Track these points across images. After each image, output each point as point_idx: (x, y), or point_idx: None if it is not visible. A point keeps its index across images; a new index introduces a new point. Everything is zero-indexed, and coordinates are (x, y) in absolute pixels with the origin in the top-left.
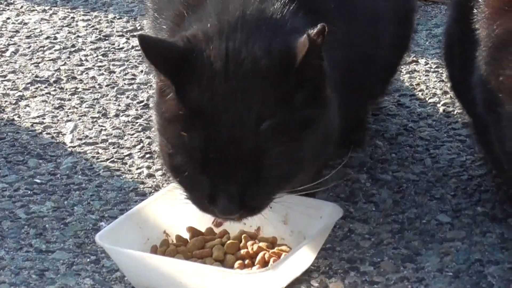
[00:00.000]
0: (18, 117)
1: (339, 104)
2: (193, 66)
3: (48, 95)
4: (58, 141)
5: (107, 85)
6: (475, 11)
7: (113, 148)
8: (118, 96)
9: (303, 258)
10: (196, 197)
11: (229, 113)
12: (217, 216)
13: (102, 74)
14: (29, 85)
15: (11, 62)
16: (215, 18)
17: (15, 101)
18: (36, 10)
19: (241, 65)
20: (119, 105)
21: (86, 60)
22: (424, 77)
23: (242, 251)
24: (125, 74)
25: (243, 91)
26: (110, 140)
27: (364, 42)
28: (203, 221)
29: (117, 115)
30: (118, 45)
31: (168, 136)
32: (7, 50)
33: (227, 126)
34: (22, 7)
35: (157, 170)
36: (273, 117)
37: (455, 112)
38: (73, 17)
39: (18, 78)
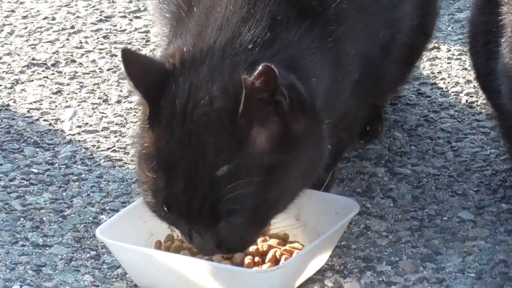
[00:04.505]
0: (14, 102)
1: (356, 94)
2: (164, 97)
3: (45, 79)
4: (56, 128)
5: (108, 69)
6: None
7: (115, 136)
8: (120, 81)
9: (317, 256)
10: (180, 231)
11: (184, 159)
12: None
13: (103, 57)
14: (26, 68)
15: (7, 44)
16: (192, 42)
17: (10, 85)
18: None
19: (198, 106)
20: (121, 90)
21: (86, 43)
22: (446, 65)
23: (252, 248)
24: None
25: (197, 135)
26: (111, 128)
27: (380, 30)
28: None
29: (119, 102)
30: (120, 27)
31: (140, 172)
32: (2, 30)
33: (183, 172)
34: None
35: None
36: (229, 163)
37: (479, 103)
38: None
39: (13, 61)
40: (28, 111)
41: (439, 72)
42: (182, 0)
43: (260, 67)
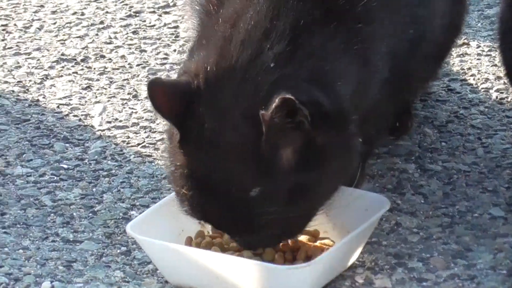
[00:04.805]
0: (43, 97)
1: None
2: (192, 120)
3: (75, 74)
4: (86, 124)
5: (137, 65)
6: None
7: (145, 132)
8: (150, 76)
9: (348, 252)
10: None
11: (217, 181)
12: None
13: (133, 53)
14: (55, 63)
15: (36, 39)
16: (215, 60)
17: (40, 80)
18: None
19: (225, 131)
20: None
21: (116, 38)
22: (476, 61)
23: (282, 244)
24: (157, 54)
25: (225, 159)
26: (141, 124)
27: (409, 27)
28: None
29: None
30: (150, 22)
31: (174, 187)
32: (31, 26)
33: (217, 194)
34: None
35: None
36: (260, 186)
37: (509, 99)
38: None
39: (43, 56)
40: (58, 107)
41: (469, 68)
42: None
43: (277, 101)
